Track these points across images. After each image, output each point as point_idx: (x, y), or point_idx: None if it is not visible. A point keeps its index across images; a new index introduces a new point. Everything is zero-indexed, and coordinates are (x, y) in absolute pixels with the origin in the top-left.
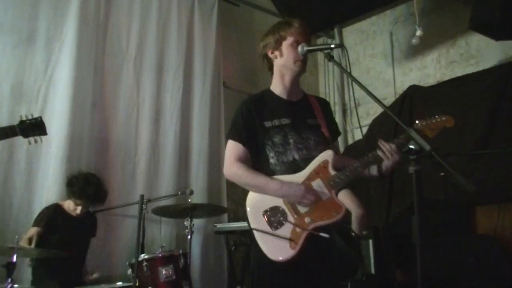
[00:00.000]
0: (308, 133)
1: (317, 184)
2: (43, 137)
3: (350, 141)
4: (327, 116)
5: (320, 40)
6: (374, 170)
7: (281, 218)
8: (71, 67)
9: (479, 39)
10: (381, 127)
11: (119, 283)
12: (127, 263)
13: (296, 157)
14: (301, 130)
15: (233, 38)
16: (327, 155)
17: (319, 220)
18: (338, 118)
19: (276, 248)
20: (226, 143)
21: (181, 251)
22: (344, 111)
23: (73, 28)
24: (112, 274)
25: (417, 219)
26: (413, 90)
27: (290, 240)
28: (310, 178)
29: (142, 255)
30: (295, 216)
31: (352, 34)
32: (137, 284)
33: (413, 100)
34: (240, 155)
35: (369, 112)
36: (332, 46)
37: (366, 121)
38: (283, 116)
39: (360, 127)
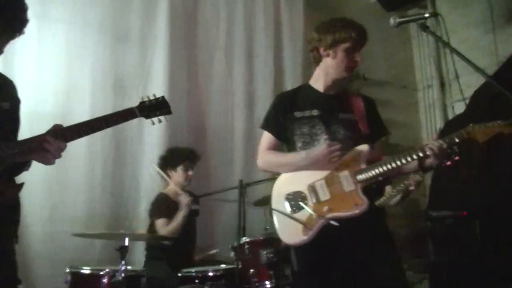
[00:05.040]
0: (337, 126)
1: (343, 175)
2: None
3: (450, 116)
4: (370, 114)
5: (411, 12)
6: (414, 164)
7: (301, 203)
8: (165, 61)
9: None
10: (483, 99)
11: (223, 266)
12: (230, 246)
13: None
14: (330, 122)
15: (321, 17)
16: (361, 148)
17: (338, 211)
18: (436, 92)
19: (290, 231)
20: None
21: None
22: (442, 85)
23: (165, 23)
24: (216, 257)
25: None
26: None
27: (304, 224)
28: (338, 169)
29: (244, 238)
30: (315, 202)
31: (445, 2)
32: (240, 266)
33: None
34: (270, 145)
35: (470, 84)
36: (426, 15)
37: (467, 94)
38: (313, 108)
39: (464, 99)
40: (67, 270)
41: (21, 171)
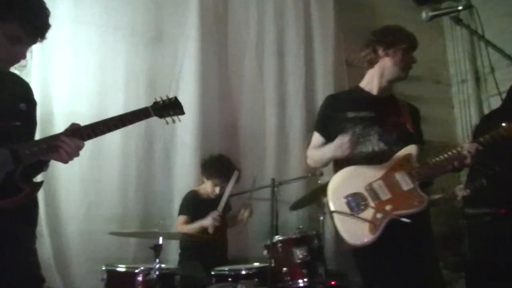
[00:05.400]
0: (390, 128)
1: (400, 174)
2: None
3: (486, 111)
4: (414, 121)
5: (444, 5)
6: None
7: (362, 203)
8: (197, 61)
9: None
10: None
11: (256, 264)
12: (263, 244)
13: (376, 149)
14: (384, 124)
15: (352, 13)
16: (411, 148)
17: (401, 209)
18: (470, 87)
19: (357, 232)
20: None
21: (314, 232)
22: (477, 79)
23: (195, 23)
24: (249, 255)
25: None
26: None
27: (371, 223)
28: (393, 168)
29: (277, 236)
30: (376, 202)
31: None
32: (273, 264)
33: None
34: (317, 146)
35: (506, 77)
36: (460, 8)
37: (503, 88)
38: (368, 109)
39: (500, 93)
40: (103, 268)
41: (40, 170)
